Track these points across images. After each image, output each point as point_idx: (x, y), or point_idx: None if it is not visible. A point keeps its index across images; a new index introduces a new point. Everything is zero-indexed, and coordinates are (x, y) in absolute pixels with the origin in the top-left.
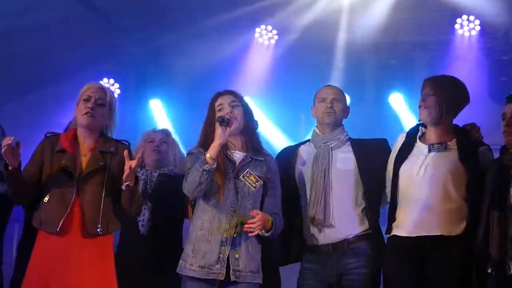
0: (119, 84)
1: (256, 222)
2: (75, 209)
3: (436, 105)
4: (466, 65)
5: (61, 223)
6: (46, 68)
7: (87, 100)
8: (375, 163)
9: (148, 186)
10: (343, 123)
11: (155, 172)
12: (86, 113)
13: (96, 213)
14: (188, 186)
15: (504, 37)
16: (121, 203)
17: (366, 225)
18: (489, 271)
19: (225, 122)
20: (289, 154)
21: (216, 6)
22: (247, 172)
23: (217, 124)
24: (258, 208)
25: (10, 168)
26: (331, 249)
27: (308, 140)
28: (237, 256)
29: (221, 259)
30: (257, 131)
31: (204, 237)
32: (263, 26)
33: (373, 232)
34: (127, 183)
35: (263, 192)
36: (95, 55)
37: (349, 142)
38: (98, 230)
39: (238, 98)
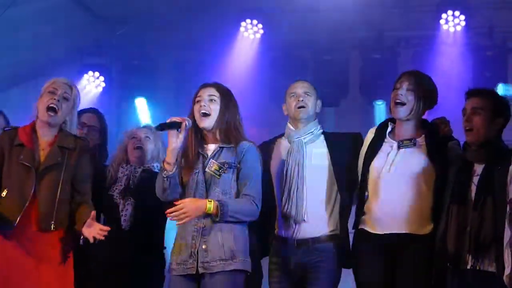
0: (104, 78)
1: (174, 210)
2: (32, 204)
3: (414, 101)
4: (450, 61)
5: (19, 218)
6: (29, 61)
7: (52, 92)
8: (349, 159)
9: (131, 181)
10: (316, 118)
11: (138, 168)
12: (49, 108)
13: (50, 209)
14: (158, 192)
15: (488, 33)
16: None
17: (334, 225)
18: (447, 264)
19: (169, 127)
20: (266, 147)
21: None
22: (210, 162)
23: (168, 130)
24: (232, 195)
25: None
26: (295, 245)
27: (282, 135)
28: (204, 247)
29: (192, 253)
30: (235, 123)
31: (180, 234)
32: (248, 20)
33: (340, 233)
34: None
35: (235, 177)
36: (79, 48)
37: (322, 136)
38: (52, 226)
39: (218, 92)
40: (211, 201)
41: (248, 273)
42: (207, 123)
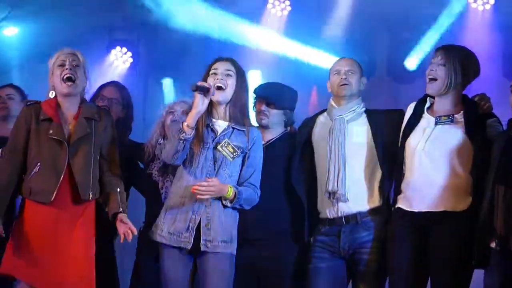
0: (132, 53)
1: (204, 185)
2: (66, 177)
3: (445, 76)
4: (479, 40)
5: (55, 192)
6: (58, 37)
7: (61, 65)
8: (390, 135)
9: None
10: (360, 95)
11: None
12: (66, 79)
13: (87, 179)
14: (166, 154)
15: None
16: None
17: (378, 200)
18: (492, 246)
19: (201, 90)
20: (307, 125)
21: None
22: (225, 142)
23: (196, 92)
24: (236, 179)
25: None
26: (344, 222)
27: (325, 110)
28: (208, 226)
29: (190, 227)
30: (246, 105)
31: (177, 204)
32: None
33: (384, 207)
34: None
35: (242, 163)
36: (107, 24)
37: (365, 114)
38: (89, 196)
39: (235, 68)
40: (231, 187)
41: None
42: (222, 96)
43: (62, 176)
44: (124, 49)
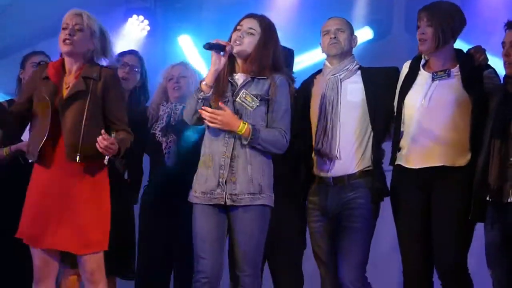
0: (149, 21)
1: (209, 111)
2: (56, 137)
3: (433, 35)
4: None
5: (37, 152)
6: (73, 6)
7: (65, 28)
8: (385, 94)
9: (172, 119)
10: (352, 53)
11: (179, 105)
12: (64, 40)
13: (75, 140)
14: (186, 114)
15: None
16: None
17: (368, 161)
18: (488, 198)
19: (216, 48)
20: (306, 86)
21: None
22: (243, 93)
23: (212, 51)
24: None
25: None
26: (331, 183)
27: (321, 70)
28: (233, 180)
29: (220, 183)
30: (276, 58)
31: (206, 163)
32: None
33: (374, 168)
34: (107, 156)
35: (266, 110)
36: None
37: (359, 72)
38: (77, 158)
39: (261, 26)
40: (245, 123)
41: (272, 208)
42: (238, 51)
43: (46, 136)
44: (141, 17)
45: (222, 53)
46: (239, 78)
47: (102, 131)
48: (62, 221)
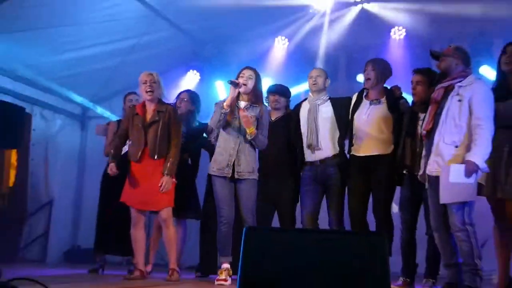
0: (199, 73)
1: (244, 112)
2: (145, 145)
3: (374, 77)
4: (397, 58)
5: (138, 155)
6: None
7: (144, 83)
8: (344, 112)
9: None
10: (325, 90)
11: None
12: (147, 92)
13: (154, 147)
14: (212, 122)
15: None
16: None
17: (337, 150)
18: (404, 172)
19: (233, 84)
20: (297, 107)
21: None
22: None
23: (230, 85)
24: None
25: None
26: (319, 163)
27: (306, 99)
28: (238, 163)
29: (229, 164)
30: (261, 95)
31: (220, 152)
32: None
33: (341, 154)
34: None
35: (257, 124)
36: (185, 57)
37: (329, 101)
38: (155, 156)
39: (255, 74)
40: (255, 129)
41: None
42: (245, 89)
43: (141, 146)
44: (195, 71)
45: (236, 87)
46: (242, 104)
47: (163, 182)
48: (147, 192)
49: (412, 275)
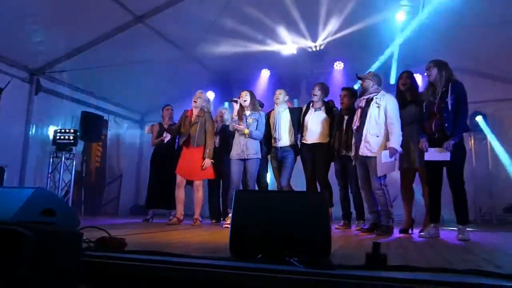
0: (214, 92)
1: (236, 126)
2: (189, 137)
3: (319, 94)
4: (336, 81)
5: (183, 141)
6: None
7: (194, 96)
8: (297, 116)
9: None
10: (285, 102)
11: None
12: (193, 102)
13: (195, 138)
14: (231, 127)
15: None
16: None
17: (292, 140)
18: (335, 153)
19: (233, 101)
20: (269, 113)
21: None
22: (249, 117)
23: (232, 102)
24: (255, 129)
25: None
26: (279, 149)
27: (274, 108)
28: (247, 149)
29: (241, 150)
30: (257, 104)
31: (236, 143)
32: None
33: (294, 143)
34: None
35: (256, 124)
36: (203, 81)
37: (287, 109)
38: (195, 144)
39: (249, 93)
40: (247, 130)
41: (260, 160)
42: (244, 104)
43: (187, 137)
44: (211, 91)
45: (236, 104)
46: (247, 112)
47: (206, 163)
48: (191, 168)
49: (349, 218)
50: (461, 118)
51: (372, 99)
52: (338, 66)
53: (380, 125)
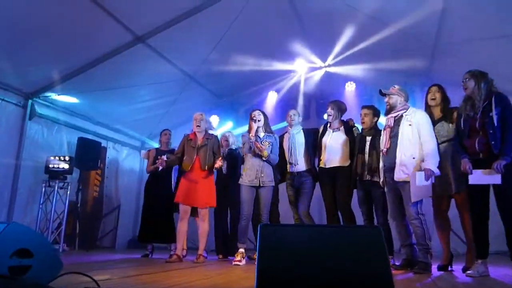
0: (219, 117)
1: (258, 145)
2: (196, 160)
3: (334, 113)
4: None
5: (190, 166)
6: (183, 113)
7: (195, 119)
8: (312, 138)
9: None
10: (300, 124)
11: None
12: (197, 126)
13: (205, 161)
14: (246, 149)
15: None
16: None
17: (309, 165)
18: (357, 178)
19: (253, 120)
20: (282, 135)
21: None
22: (264, 140)
23: (251, 121)
24: (270, 152)
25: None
26: (296, 174)
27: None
28: (262, 175)
29: (257, 177)
30: (269, 126)
31: (249, 167)
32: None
33: (312, 168)
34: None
35: (272, 148)
36: (208, 105)
37: (302, 131)
38: (206, 167)
39: (263, 114)
40: (267, 153)
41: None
42: (258, 124)
43: (193, 161)
44: (216, 116)
45: (254, 123)
46: (261, 134)
47: (220, 161)
48: (195, 193)
49: None
50: (511, 134)
51: (401, 116)
52: (350, 87)
53: (414, 145)
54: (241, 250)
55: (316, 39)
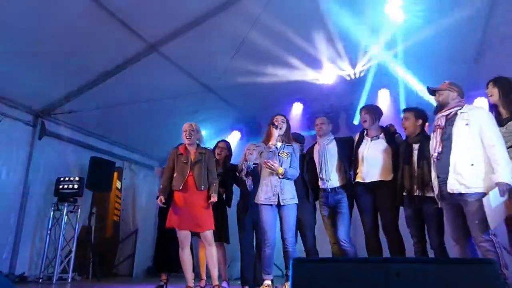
0: (240, 132)
1: (269, 164)
2: (189, 178)
3: (370, 119)
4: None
5: (181, 185)
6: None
7: (185, 131)
8: (347, 149)
9: (249, 170)
10: (330, 132)
11: (252, 164)
12: (187, 138)
13: (200, 180)
14: (263, 159)
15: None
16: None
17: (344, 180)
18: (404, 194)
19: (273, 125)
20: (311, 147)
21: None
22: (282, 151)
23: (272, 127)
24: (288, 166)
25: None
26: (329, 191)
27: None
28: (283, 192)
29: (274, 194)
30: (290, 135)
31: (266, 184)
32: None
33: (348, 183)
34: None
35: (290, 160)
36: (229, 120)
37: (334, 140)
38: (202, 187)
39: (286, 119)
40: (282, 168)
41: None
42: (279, 132)
43: (186, 178)
44: (237, 131)
45: (276, 129)
46: (279, 144)
47: (214, 197)
48: (192, 216)
49: None
50: None
51: (455, 114)
52: (383, 93)
53: (473, 149)
54: (267, 282)
55: (346, 41)
